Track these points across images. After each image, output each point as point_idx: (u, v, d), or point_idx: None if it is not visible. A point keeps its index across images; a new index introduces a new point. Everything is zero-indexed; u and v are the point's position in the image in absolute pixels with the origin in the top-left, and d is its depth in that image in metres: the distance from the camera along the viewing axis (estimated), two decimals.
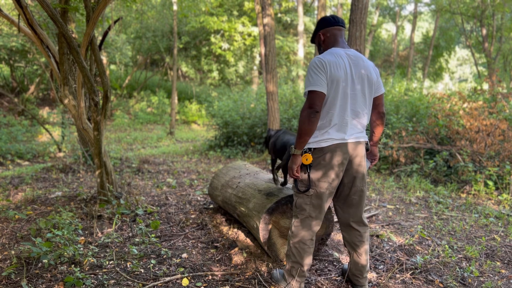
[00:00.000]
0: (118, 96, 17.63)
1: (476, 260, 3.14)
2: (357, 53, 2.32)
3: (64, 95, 4.02)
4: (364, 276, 2.49)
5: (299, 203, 2.34)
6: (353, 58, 2.27)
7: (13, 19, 3.89)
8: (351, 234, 2.45)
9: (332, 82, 2.18)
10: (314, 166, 2.24)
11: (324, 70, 2.17)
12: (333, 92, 2.20)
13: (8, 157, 8.21)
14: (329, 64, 2.17)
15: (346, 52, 2.28)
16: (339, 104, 2.21)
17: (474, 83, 16.97)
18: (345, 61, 2.23)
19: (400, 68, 25.77)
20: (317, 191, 2.26)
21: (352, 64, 2.25)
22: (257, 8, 8.96)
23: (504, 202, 4.81)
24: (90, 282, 2.52)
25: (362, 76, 2.26)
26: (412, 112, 7.68)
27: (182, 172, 6.62)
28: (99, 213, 3.89)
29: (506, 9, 17.36)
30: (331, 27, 2.37)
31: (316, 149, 2.24)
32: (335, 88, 2.19)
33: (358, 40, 5.81)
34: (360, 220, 2.42)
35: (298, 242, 2.35)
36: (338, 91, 2.20)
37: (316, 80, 2.16)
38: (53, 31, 6.91)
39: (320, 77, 2.16)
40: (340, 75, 2.18)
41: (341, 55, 2.25)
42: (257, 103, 10.26)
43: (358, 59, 2.28)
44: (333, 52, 2.26)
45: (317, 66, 2.18)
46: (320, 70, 2.17)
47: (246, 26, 17.71)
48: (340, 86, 2.19)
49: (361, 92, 2.27)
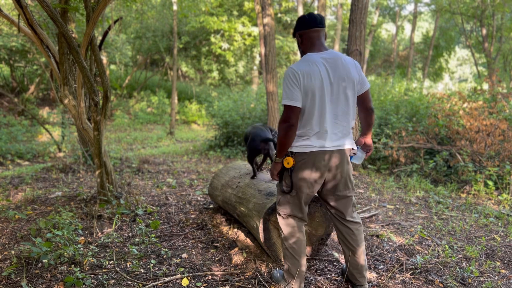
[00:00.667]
0: (118, 96, 17.62)
1: (476, 260, 3.14)
2: (334, 54, 2.29)
3: (64, 95, 4.02)
4: (363, 276, 2.49)
5: (282, 201, 2.42)
6: (330, 61, 2.25)
7: (13, 19, 3.89)
8: (343, 232, 2.47)
9: (307, 93, 2.21)
10: (295, 170, 2.31)
11: (298, 83, 2.20)
12: (309, 102, 2.22)
13: (8, 157, 8.21)
14: (302, 75, 2.19)
15: (322, 56, 2.26)
16: (318, 113, 2.23)
17: (474, 83, 16.98)
18: (320, 67, 2.22)
19: (400, 68, 25.77)
20: (297, 193, 2.34)
21: (329, 68, 2.24)
22: (257, 8, 8.96)
23: (504, 202, 4.81)
24: (90, 282, 2.52)
25: (342, 77, 2.25)
26: (412, 112, 7.68)
27: (182, 172, 6.62)
28: (99, 213, 3.89)
29: (506, 9, 17.36)
30: (308, 30, 2.33)
31: (297, 154, 2.30)
32: (310, 98, 2.21)
33: (358, 40, 5.81)
34: (347, 219, 2.44)
35: (289, 243, 2.40)
36: (314, 101, 2.21)
37: (290, 94, 2.20)
38: (53, 31, 6.91)
39: (293, 91, 2.20)
40: (314, 85, 2.19)
41: (316, 62, 2.23)
42: (257, 103, 10.26)
43: (336, 61, 2.26)
44: (308, 59, 2.26)
45: (290, 79, 2.21)
46: (293, 82, 2.20)
47: (246, 26, 17.70)
48: (316, 96, 2.21)
49: (343, 94, 2.27)
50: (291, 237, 2.40)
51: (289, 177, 2.34)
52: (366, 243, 3.36)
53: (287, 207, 2.40)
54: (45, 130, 9.65)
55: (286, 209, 2.40)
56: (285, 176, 2.37)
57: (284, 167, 2.34)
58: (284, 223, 2.42)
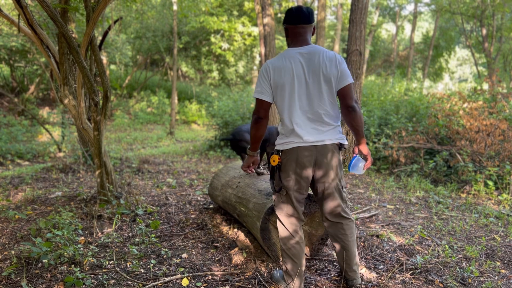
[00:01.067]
0: (118, 96, 17.62)
1: (476, 260, 3.14)
2: (313, 49, 2.26)
3: (64, 95, 4.02)
4: (354, 270, 2.49)
5: (276, 201, 2.44)
6: (306, 56, 2.24)
7: (13, 19, 3.89)
8: (334, 227, 2.45)
9: (276, 88, 2.24)
10: (282, 168, 2.34)
11: (267, 77, 2.25)
12: (279, 97, 2.26)
13: (8, 157, 8.21)
14: (273, 70, 2.23)
15: (300, 51, 2.26)
16: (291, 108, 2.25)
17: (474, 83, 16.97)
18: (293, 63, 2.23)
19: (400, 68, 25.77)
20: (287, 192, 2.35)
21: (304, 63, 2.23)
22: (257, 8, 8.96)
23: (504, 202, 4.81)
24: (90, 282, 2.52)
25: (316, 72, 2.23)
26: (412, 112, 7.68)
27: (182, 172, 6.62)
28: (99, 213, 3.89)
29: (506, 9, 17.36)
30: (293, 26, 2.32)
31: (282, 152, 2.33)
32: (280, 93, 2.24)
33: (358, 40, 5.81)
34: (339, 214, 2.41)
35: (286, 243, 2.40)
36: (284, 96, 2.24)
37: (259, 88, 2.28)
38: (53, 31, 6.91)
39: (262, 85, 2.26)
40: (284, 81, 2.22)
41: (291, 57, 2.25)
42: None
43: (313, 56, 2.24)
44: (284, 55, 2.28)
45: (262, 73, 2.28)
46: (263, 77, 2.27)
47: (246, 26, 17.70)
48: (285, 91, 2.23)
49: (318, 90, 2.24)
50: (288, 238, 2.39)
51: (277, 175, 2.36)
52: (366, 243, 3.36)
53: (281, 206, 2.40)
54: (45, 130, 9.65)
55: (281, 209, 2.41)
56: (274, 174, 2.40)
57: (271, 165, 2.37)
58: (281, 224, 2.43)
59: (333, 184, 2.36)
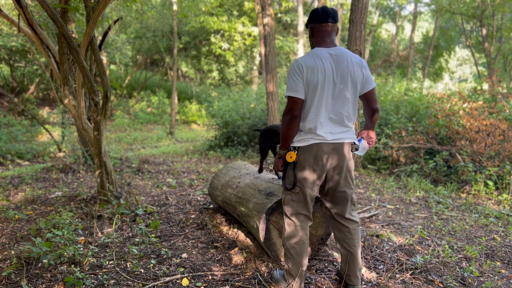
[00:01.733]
0: (118, 96, 17.62)
1: (476, 260, 3.14)
2: (342, 51, 2.29)
3: (64, 95, 4.02)
4: (357, 276, 2.48)
5: (286, 200, 2.41)
6: (336, 58, 2.26)
7: (13, 19, 3.89)
8: (341, 231, 2.46)
9: (309, 86, 2.23)
10: (298, 164, 2.32)
11: (301, 75, 2.22)
12: (310, 95, 2.25)
13: (8, 157, 8.21)
14: (306, 68, 2.21)
15: (329, 52, 2.27)
16: (318, 107, 2.25)
17: (474, 83, 16.97)
18: (325, 62, 2.23)
19: (400, 68, 25.76)
20: (301, 189, 2.32)
21: (334, 64, 2.25)
22: (257, 8, 8.96)
23: (504, 202, 4.81)
24: (90, 282, 2.52)
25: (345, 74, 2.26)
26: (412, 112, 7.67)
27: (182, 172, 6.62)
28: (99, 213, 3.89)
29: (506, 9, 17.36)
30: (319, 24, 2.33)
31: (300, 148, 2.31)
32: (312, 92, 2.24)
33: (358, 40, 5.81)
34: (345, 217, 2.43)
35: (291, 242, 2.38)
36: (315, 95, 2.24)
37: (293, 86, 2.24)
38: (53, 31, 6.91)
39: (296, 83, 2.23)
40: (317, 79, 2.21)
41: (322, 57, 2.25)
42: (257, 103, 10.26)
43: (342, 59, 2.27)
44: (314, 54, 2.27)
45: (295, 71, 2.24)
46: (297, 74, 2.23)
47: (246, 26, 17.70)
48: (317, 90, 2.23)
49: (344, 92, 2.27)
50: (293, 237, 2.37)
51: (292, 172, 2.33)
52: (366, 243, 3.36)
53: (292, 205, 2.37)
54: (45, 130, 9.65)
55: (291, 208, 2.38)
56: (288, 171, 2.37)
57: (287, 161, 2.33)
58: (288, 222, 2.40)
59: (346, 183, 2.37)
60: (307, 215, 2.39)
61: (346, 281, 2.52)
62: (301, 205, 2.36)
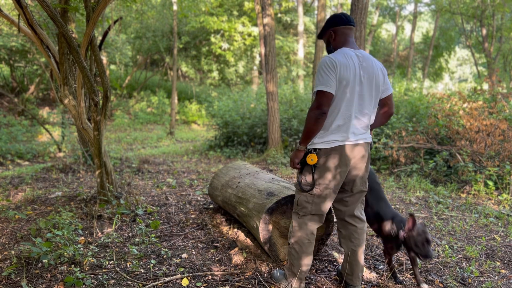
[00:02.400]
0: (118, 96, 17.62)
1: (476, 260, 3.14)
2: (366, 54, 2.32)
3: (64, 95, 4.02)
4: (359, 277, 2.48)
5: (301, 201, 2.35)
6: (362, 59, 2.27)
7: (13, 19, 3.89)
8: (348, 229, 2.46)
9: (341, 83, 2.19)
10: (319, 167, 2.26)
11: (335, 70, 2.17)
12: (340, 92, 2.21)
13: (8, 157, 8.21)
14: (339, 64, 2.18)
15: (356, 53, 2.28)
16: (345, 105, 2.22)
17: (474, 83, 16.97)
18: (354, 62, 2.23)
19: (400, 68, 25.77)
20: (320, 191, 2.27)
21: (360, 66, 2.25)
22: (257, 8, 8.96)
23: (504, 202, 4.81)
24: (90, 282, 2.52)
25: (370, 77, 2.27)
26: (412, 112, 7.67)
27: (182, 172, 6.62)
28: (99, 213, 3.89)
29: (506, 9, 17.36)
30: (342, 26, 2.35)
31: (321, 150, 2.25)
32: (343, 89, 2.20)
33: (358, 40, 5.81)
34: (355, 215, 2.44)
35: (298, 242, 2.36)
36: (345, 92, 2.20)
37: (326, 80, 2.17)
38: (53, 31, 6.91)
39: (329, 77, 2.17)
40: (349, 76, 2.19)
41: (351, 56, 2.24)
42: (257, 103, 10.25)
43: (367, 61, 2.29)
44: (343, 52, 2.26)
45: (328, 66, 2.18)
46: (330, 70, 2.17)
47: (246, 26, 17.70)
48: (348, 87, 2.20)
49: (368, 94, 2.28)
50: (300, 236, 2.35)
51: (311, 174, 2.27)
52: (366, 243, 3.36)
53: (306, 206, 2.32)
54: (45, 130, 9.65)
55: (305, 208, 2.33)
56: (306, 173, 2.30)
57: (307, 163, 2.28)
58: (298, 222, 2.37)
59: (363, 183, 2.38)
60: (320, 217, 2.36)
61: (346, 281, 2.52)
62: (316, 207, 2.32)
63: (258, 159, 7.78)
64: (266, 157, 7.80)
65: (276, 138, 8.03)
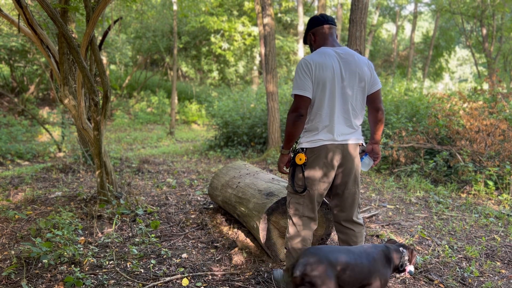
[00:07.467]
0: (118, 96, 17.62)
1: (476, 260, 3.14)
2: (348, 50, 2.29)
3: (64, 95, 4.02)
4: None
5: (292, 202, 2.36)
6: (343, 56, 2.25)
7: (13, 19, 3.89)
8: (346, 234, 2.44)
9: (318, 84, 2.19)
10: (307, 166, 2.26)
11: (309, 73, 2.18)
12: (319, 93, 2.20)
13: (8, 157, 8.21)
14: (314, 65, 2.17)
15: (336, 51, 2.26)
16: (327, 105, 2.21)
17: (474, 83, 16.97)
18: (333, 60, 2.22)
19: (400, 68, 25.76)
20: (309, 191, 2.28)
21: (341, 63, 2.23)
22: (257, 8, 8.96)
23: (504, 202, 4.81)
24: (90, 282, 2.52)
25: (353, 73, 2.24)
26: (412, 112, 7.67)
27: (182, 172, 6.62)
28: (99, 213, 3.89)
29: (506, 9, 17.35)
30: (320, 26, 2.35)
31: (308, 150, 2.26)
32: (321, 89, 2.19)
33: (358, 40, 5.81)
34: (352, 219, 2.42)
35: (294, 243, 2.36)
36: (325, 93, 2.20)
37: (301, 84, 2.18)
38: (53, 31, 6.91)
39: (304, 81, 2.18)
40: (326, 76, 2.18)
41: (329, 55, 2.23)
42: (257, 103, 10.25)
43: (349, 57, 2.26)
44: (322, 51, 2.25)
45: (302, 69, 2.19)
46: (305, 72, 2.18)
47: (246, 26, 17.70)
48: (326, 87, 2.19)
49: (353, 90, 2.26)
50: (296, 238, 2.34)
51: (301, 175, 2.27)
52: (366, 243, 3.36)
53: (297, 207, 2.33)
54: (45, 130, 9.65)
55: (297, 210, 2.33)
56: (297, 174, 2.30)
57: (296, 164, 2.28)
58: (292, 223, 2.37)
59: (355, 184, 2.36)
60: (312, 218, 2.36)
61: None
62: (307, 208, 2.32)
63: (258, 159, 7.78)
64: (266, 157, 7.80)
65: (276, 138, 8.03)
